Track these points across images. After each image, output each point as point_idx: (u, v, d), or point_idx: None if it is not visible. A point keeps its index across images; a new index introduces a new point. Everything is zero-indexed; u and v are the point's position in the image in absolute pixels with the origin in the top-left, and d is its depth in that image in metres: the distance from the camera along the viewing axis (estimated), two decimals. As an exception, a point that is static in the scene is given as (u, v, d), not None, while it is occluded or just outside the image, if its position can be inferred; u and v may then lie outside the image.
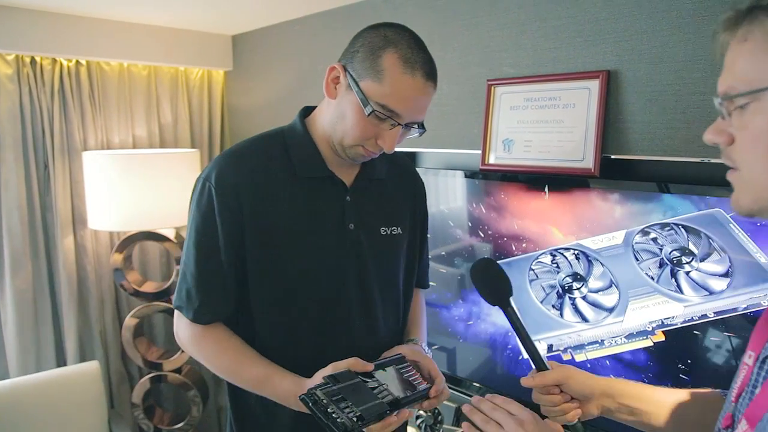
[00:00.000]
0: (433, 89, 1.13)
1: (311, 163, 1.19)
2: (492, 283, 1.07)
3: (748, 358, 0.75)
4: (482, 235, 1.84)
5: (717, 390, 0.95)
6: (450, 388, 1.93)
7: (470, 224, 1.86)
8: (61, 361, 2.61)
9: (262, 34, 2.72)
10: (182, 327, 1.22)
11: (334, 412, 0.95)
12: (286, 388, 1.12)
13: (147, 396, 2.63)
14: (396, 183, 1.34)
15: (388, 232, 1.28)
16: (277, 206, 1.16)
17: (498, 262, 1.77)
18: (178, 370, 2.62)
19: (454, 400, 1.92)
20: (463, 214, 1.88)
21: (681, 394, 0.97)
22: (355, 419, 0.95)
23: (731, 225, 1.34)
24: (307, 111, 1.25)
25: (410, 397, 1.09)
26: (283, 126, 1.26)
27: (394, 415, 1.03)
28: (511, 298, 1.05)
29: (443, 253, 1.96)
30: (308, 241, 1.18)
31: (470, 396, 1.85)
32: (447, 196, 1.93)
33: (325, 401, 0.97)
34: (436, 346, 2.01)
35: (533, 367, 1.02)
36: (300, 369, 1.14)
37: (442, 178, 1.93)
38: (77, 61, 2.52)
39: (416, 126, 1.15)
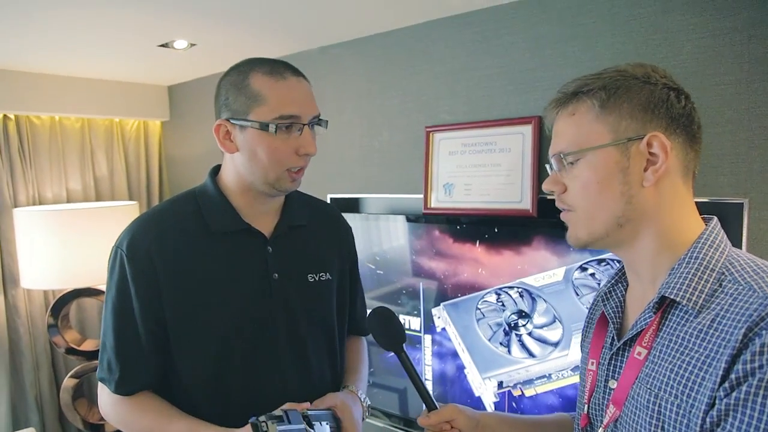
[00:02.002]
0: (308, 83, 1.18)
1: (226, 218, 1.19)
2: (387, 330, 1.13)
3: (591, 365, 0.95)
4: (427, 276, 1.87)
5: (563, 413, 1.17)
6: (401, 429, 1.95)
7: (414, 267, 1.90)
8: (-8, 432, 2.45)
9: (198, 85, 2.72)
10: (104, 397, 1.19)
11: None
12: None
13: (88, 462, 2.49)
14: (319, 228, 1.34)
15: (317, 279, 1.27)
16: (195, 265, 1.15)
17: (446, 302, 1.85)
18: (121, 432, 2.50)
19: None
20: (406, 257, 1.92)
21: (542, 418, 1.19)
22: None
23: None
24: (217, 169, 1.26)
25: None
26: (194, 187, 1.26)
27: None
28: (404, 344, 1.13)
29: (388, 294, 1.97)
30: (232, 294, 1.17)
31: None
32: (390, 240, 1.96)
33: None
34: (383, 388, 2.01)
35: (424, 407, 1.10)
36: (232, 423, 1.11)
37: (384, 222, 1.96)
38: (5, 116, 2.43)
39: (320, 122, 1.19)
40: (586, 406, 0.94)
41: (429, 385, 1.91)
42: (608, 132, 0.82)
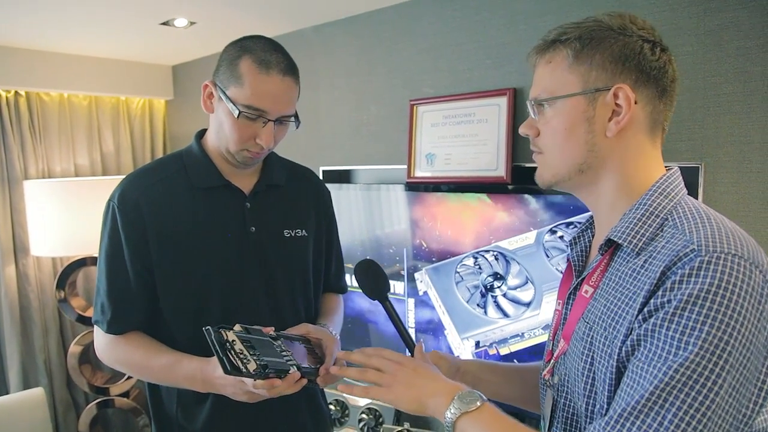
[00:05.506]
0: (294, 83, 1.22)
1: (206, 174, 1.29)
2: (372, 280, 1.19)
3: (558, 305, 0.99)
4: (411, 242, 1.97)
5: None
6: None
7: (399, 234, 2.00)
8: (3, 391, 2.58)
9: (202, 64, 2.83)
10: (99, 339, 1.31)
11: (241, 353, 1.02)
12: (194, 366, 1.18)
13: (94, 423, 2.62)
14: (297, 189, 1.43)
15: (293, 234, 1.36)
16: (178, 216, 1.25)
17: (428, 267, 1.94)
18: (125, 395, 2.64)
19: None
20: (388, 225, 2.02)
21: (523, 366, 1.19)
22: (261, 365, 1.02)
23: (622, 220, 1.52)
24: (202, 133, 1.37)
25: (307, 369, 1.14)
26: (182, 149, 1.37)
27: (304, 377, 1.11)
28: (388, 294, 1.18)
29: (374, 259, 2.07)
30: (210, 245, 1.26)
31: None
32: (378, 208, 2.06)
33: (235, 341, 1.04)
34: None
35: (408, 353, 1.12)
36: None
37: (370, 192, 2.06)
38: (16, 92, 2.56)
39: (291, 119, 1.26)
40: (551, 342, 0.98)
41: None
42: (578, 82, 0.84)
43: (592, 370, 0.81)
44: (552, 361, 0.93)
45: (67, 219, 2.39)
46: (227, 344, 1.04)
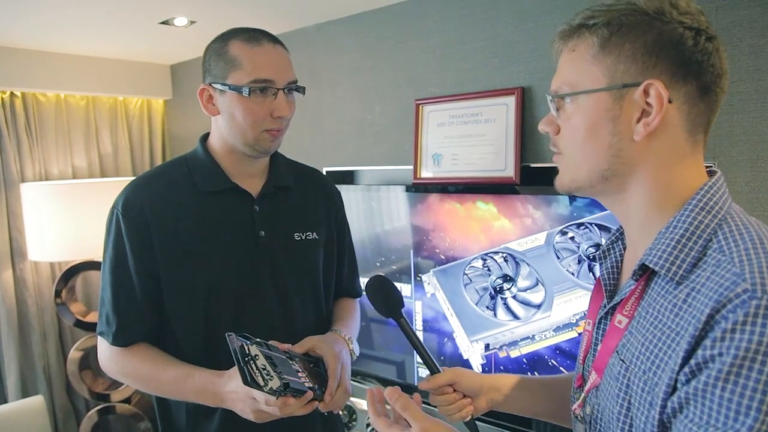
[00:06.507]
0: (285, 50, 1.24)
1: (213, 178, 1.26)
2: (385, 297, 1.14)
3: (588, 326, 0.89)
4: (418, 244, 1.95)
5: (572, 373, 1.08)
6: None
7: (405, 236, 1.97)
8: (1, 399, 2.54)
9: (200, 64, 2.77)
10: (104, 350, 1.26)
11: (264, 369, 0.99)
12: (205, 378, 1.15)
13: (95, 430, 2.58)
14: (306, 190, 1.40)
15: (303, 237, 1.33)
16: (184, 221, 1.22)
17: (435, 269, 1.92)
18: (127, 401, 2.60)
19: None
20: (395, 227, 1.99)
21: (551, 379, 1.11)
22: (284, 383, 0.99)
23: (635, 221, 1.50)
24: (207, 136, 1.34)
25: (319, 391, 1.11)
26: (186, 153, 1.34)
27: (314, 400, 1.08)
28: (402, 310, 1.12)
29: (381, 262, 2.05)
30: (219, 249, 1.23)
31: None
32: (383, 210, 2.03)
33: (258, 356, 1.01)
34: (381, 361, 2.09)
35: (428, 371, 1.07)
36: (220, 369, 1.18)
37: (377, 193, 2.04)
38: (12, 93, 2.52)
39: (297, 89, 1.24)
40: (581, 366, 0.89)
41: (419, 349, 1.99)
42: (604, 76, 0.74)
43: (629, 416, 0.73)
44: (583, 395, 0.85)
45: (65, 222, 2.35)
46: (249, 357, 1.01)
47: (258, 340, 1.07)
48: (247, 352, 1.02)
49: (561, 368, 1.66)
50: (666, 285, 0.72)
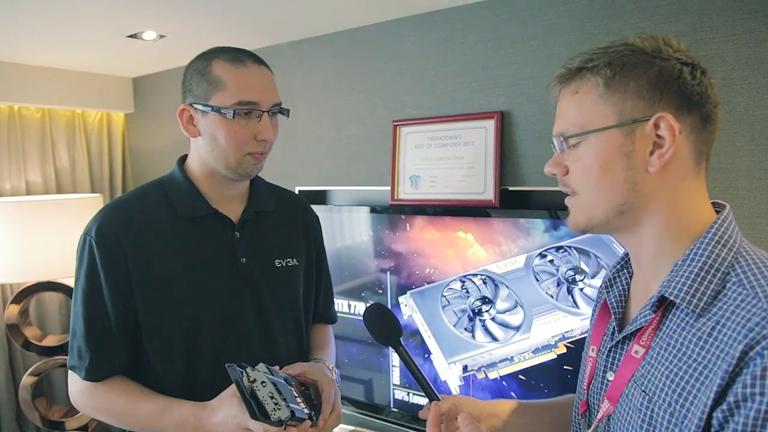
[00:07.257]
0: (270, 72, 1.21)
1: (193, 203, 1.22)
2: (383, 326, 1.13)
3: (592, 351, 0.92)
4: (394, 266, 1.93)
5: (573, 394, 1.09)
6: (368, 416, 2.01)
7: (381, 257, 1.96)
8: (-54, 431, 2.38)
9: (165, 77, 2.71)
10: (75, 385, 1.20)
11: (273, 398, 0.97)
12: (186, 411, 1.11)
13: (48, 460, 2.45)
14: (287, 215, 1.37)
15: (284, 264, 1.31)
16: (162, 248, 1.18)
17: (412, 291, 1.91)
18: (84, 428, 2.47)
19: (373, 428, 1.99)
20: (374, 248, 1.97)
21: (550, 403, 1.13)
22: (288, 414, 0.97)
23: (614, 244, 1.53)
24: (185, 158, 1.29)
25: (314, 416, 1.10)
26: (163, 175, 1.29)
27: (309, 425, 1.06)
28: (401, 338, 1.12)
29: (354, 286, 2.03)
30: (199, 277, 1.19)
31: (389, 422, 1.94)
32: (357, 231, 2.02)
33: (265, 383, 0.98)
34: (351, 381, 2.06)
35: (428, 399, 1.07)
36: (201, 400, 1.13)
37: (347, 214, 2.01)
38: (-39, 105, 2.38)
39: (281, 111, 1.22)
40: (585, 392, 0.91)
41: (396, 372, 1.97)
42: (612, 113, 0.77)
43: None
44: (595, 423, 0.86)
45: (18, 242, 2.22)
46: (253, 388, 0.98)
47: (261, 364, 1.04)
48: (251, 381, 0.99)
49: (545, 390, 1.67)
50: (686, 317, 0.74)
